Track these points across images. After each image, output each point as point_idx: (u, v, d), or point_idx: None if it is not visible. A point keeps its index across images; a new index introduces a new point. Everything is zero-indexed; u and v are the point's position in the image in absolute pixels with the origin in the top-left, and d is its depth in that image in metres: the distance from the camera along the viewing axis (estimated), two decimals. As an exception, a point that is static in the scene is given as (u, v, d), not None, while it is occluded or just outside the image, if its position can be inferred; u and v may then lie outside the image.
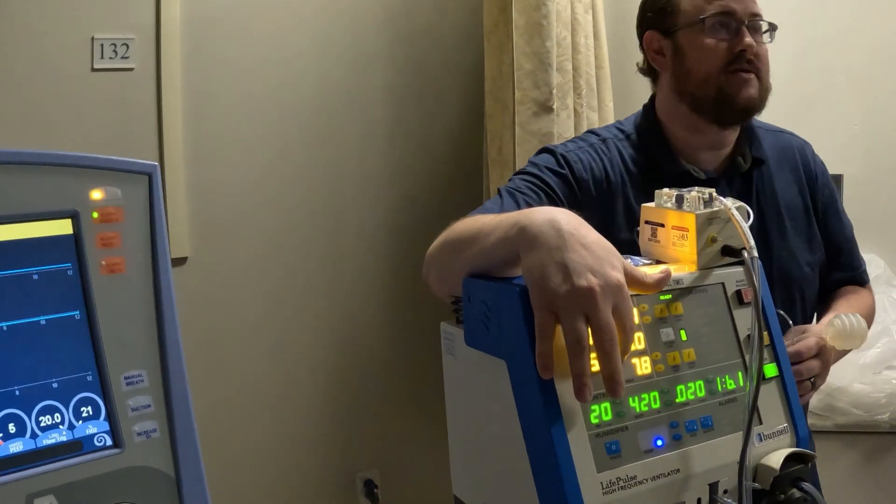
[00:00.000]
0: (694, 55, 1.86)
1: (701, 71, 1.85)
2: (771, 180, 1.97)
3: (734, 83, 1.83)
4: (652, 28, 1.94)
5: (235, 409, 3.18)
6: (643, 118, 2.00)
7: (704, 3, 1.85)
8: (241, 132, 3.12)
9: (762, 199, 1.94)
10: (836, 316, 1.61)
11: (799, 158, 2.04)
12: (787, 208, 1.96)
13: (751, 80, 1.85)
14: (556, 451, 1.00)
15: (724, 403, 1.16)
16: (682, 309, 1.16)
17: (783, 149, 2.03)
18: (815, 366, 1.66)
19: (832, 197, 2.08)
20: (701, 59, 1.85)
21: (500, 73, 3.07)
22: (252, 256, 3.17)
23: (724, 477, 1.13)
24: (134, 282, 1.18)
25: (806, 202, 2.01)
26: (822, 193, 2.04)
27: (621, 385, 1.01)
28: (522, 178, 1.82)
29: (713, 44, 1.84)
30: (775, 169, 1.98)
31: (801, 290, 1.92)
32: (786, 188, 1.98)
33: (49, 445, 1.12)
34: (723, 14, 1.83)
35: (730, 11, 1.84)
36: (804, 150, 2.07)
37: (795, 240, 1.95)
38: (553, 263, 1.04)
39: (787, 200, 1.97)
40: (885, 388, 2.78)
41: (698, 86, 1.86)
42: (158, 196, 1.20)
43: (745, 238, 1.17)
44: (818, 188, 2.04)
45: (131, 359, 1.16)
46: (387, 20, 3.33)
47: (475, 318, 1.14)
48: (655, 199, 1.26)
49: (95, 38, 2.89)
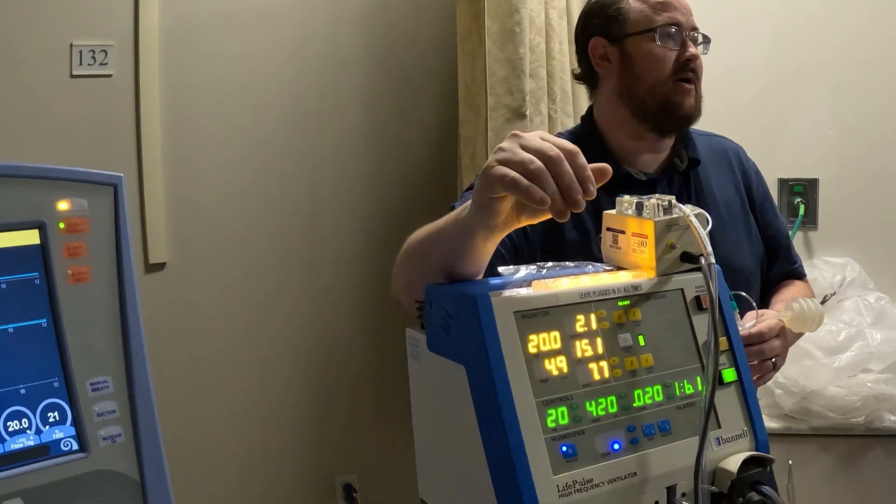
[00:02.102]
0: (643, 62, 1.94)
1: (650, 78, 1.93)
2: (707, 179, 2.04)
3: (678, 92, 1.92)
4: (598, 34, 2.00)
5: (212, 414, 3.18)
6: (582, 126, 2.09)
7: (653, 13, 1.93)
8: (218, 138, 3.14)
9: (700, 196, 2.01)
10: (794, 300, 1.65)
11: (733, 159, 2.13)
12: (726, 205, 2.04)
13: (692, 90, 1.94)
14: (512, 453, 1.02)
15: (683, 408, 1.17)
16: (640, 315, 1.18)
17: (716, 150, 2.12)
18: (777, 345, 1.74)
19: (767, 195, 2.17)
20: (650, 67, 1.93)
21: (473, 80, 3.08)
22: (229, 261, 3.19)
23: (681, 480, 1.14)
24: (100, 290, 1.19)
25: (742, 199, 2.08)
26: (758, 191, 2.13)
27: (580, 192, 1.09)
28: None
29: (662, 52, 1.92)
30: (711, 169, 2.06)
31: (746, 282, 1.96)
32: (722, 186, 2.06)
33: (17, 450, 1.13)
34: (671, 25, 1.92)
35: (676, 23, 1.92)
36: (738, 153, 2.16)
37: (736, 234, 2.03)
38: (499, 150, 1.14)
39: (725, 197, 2.05)
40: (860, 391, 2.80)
41: (646, 92, 1.93)
42: (123, 206, 1.22)
43: (703, 245, 1.18)
44: (753, 186, 2.12)
45: (97, 365, 1.18)
46: (363, 25, 3.34)
47: (436, 324, 1.16)
48: (616, 207, 1.27)
49: (74, 45, 2.91)
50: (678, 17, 1.93)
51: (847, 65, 3.31)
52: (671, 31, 1.92)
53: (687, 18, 1.95)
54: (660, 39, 1.91)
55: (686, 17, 1.95)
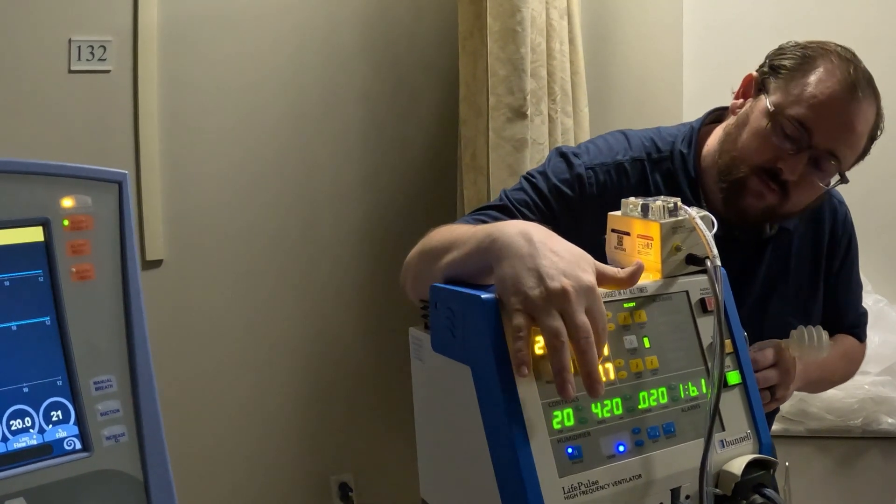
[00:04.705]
0: (752, 130, 1.69)
1: (744, 148, 1.69)
2: (788, 247, 1.86)
3: (755, 190, 1.68)
4: (758, 75, 1.76)
5: (209, 412, 3.18)
6: (686, 146, 1.81)
7: (796, 98, 1.64)
8: (216, 134, 3.13)
9: (772, 267, 1.85)
10: (799, 327, 1.63)
11: (827, 219, 1.91)
12: (795, 276, 1.87)
13: (769, 195, 1.68)
14: (518, 456, 1.02)
15: (687, 410, 1.18)
16: (645, 317, 1.18)
17: (815, 209, 1.85)
18: (773, 376, 1.64)
19: (851, 261, 1.97)
20: (751, 140, 1.68)
21: (474, 79, 3.08)
22: (227, 259, 3.18)
23: (685, 482, 1.14)
24: (104, 288, 1.19)
25: (818, 261, 1.91)
26: (842, 256, 1.94)
27: (600, 383, 1.04)
28: (528, 193, 1.74)
29: (768, 140, 1.66)
30: (798, 231, 1.87)
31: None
32: (800, 253, 1.88)
33: (19, 449, 1.12)
34: (798, 124, 1.63)
35: (808, 128, 1.62)
36: (836, 213, 1.92)
37: (795, 309, 1.87)
38: (526, 269, 1.07)
39: (799, 268, 1.87)
40: (857, 393, 2.80)
41: (734, 157, 1.70)
42: (128, 204, 1.21)
43: (709, 247, 1.18)
44: (838, 251, 1.93)
45: (101, 364, 1.17)
46: (362, 24, 3.33)
47: (441, 325, 1.16)
48: (622, 208, 1.27)
49: (73, 40, 2.89)
50: (813, 124, 1.62)
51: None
52: (795, 130, 1.62)
53: (828, 137, 1.62)
54: (773, 130, 1.64)
55: (827, 136, 1.62)
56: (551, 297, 1.04)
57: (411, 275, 1.46)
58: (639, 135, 1.85)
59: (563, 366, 1.02)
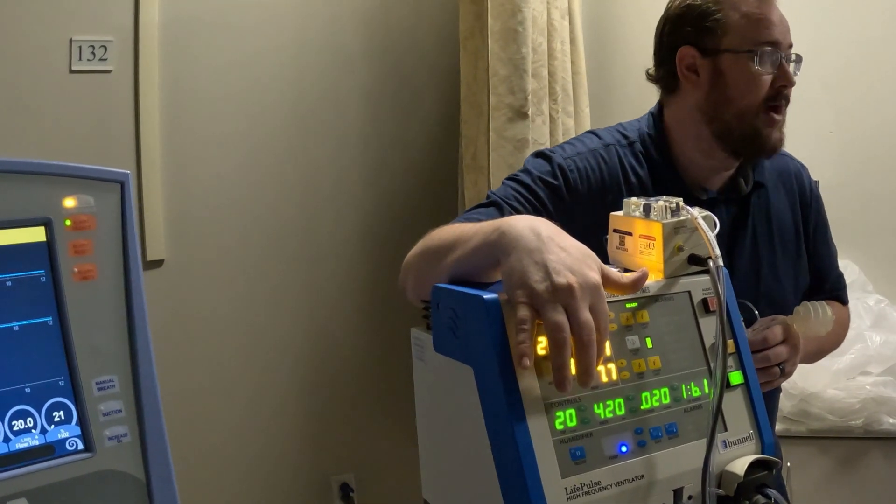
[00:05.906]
0: (737, 84, 1.79)
1: (741, 102, 1.79)
2: (767, 203, 1.94)
3: (768, 124, 1.79)
4: (689, 43, 1.83)
5: (210, 413, 3.18)
6: (651, 128, 1.92)
7: (754, 31, 1.77)
8: (218, 134, 3.13)
9: (757, 222, 1.92)
10: (804, 303, 1.64)
11: (795, 182, 2.02)
12: (780, 232, 1.95)
13: (780, 122, 1.81)
14: (521, 456, 1.02)
15: (689, 410, 1.17)
16: (647, 317, 1.18)
17: (781, 172, 2.00)
18: (783, 351, 1.67)
19: (820, 222, 2.06)
20: (744, 91, 1.78)
21: (475, 79, 3.08)
22: (228, 259, 3.18)
23: (688, 483, 1.14)
24: (106, 288, 1.19)
25: (797, 226, 1.99)
26: (815, 219, 2.03)
27: (592, 377, 1.04)
28: (513, 188, 1.79)
29: (760, 76, 1.77)
30: (772, 191, 1.96)
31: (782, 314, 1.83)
32: (780, 211, 1.96)
33: (22, 449, 1.12)
34: (771, 44, 1.77)
35: (776, 42, 1.77)
36: (801, 175, 2.04)
37: (784, 265, 1.95)
38: (533, 263, 1.08)
39: (781, 224, 1.96)
40: (858, 393, 2.80)
41: (734, 116, 1.80)
42: (130, 204, 1.21)
43: (711, 247, 1.18)
44: (811, 214, 2.03)
45: (103, 364, 1.17)
46: (363, 24, 3.34)
47: (443, 325, 1.15)
48: (624, 208, 1.27)
49: (74, 40, 2.89)
50: (777, 37, 1.77)
51: (846, 67, 3.32)
52: (770, 51, 1.76)
53: (784, 37, 1.79)
54: (759, 63, 1.76)
55: (784, 36, 1.79)
56: (557, 292, 1.05)
57: (413, 275, 1.45)
58: (606, 129, 1.95)
59: (563, 362, 1.03)
